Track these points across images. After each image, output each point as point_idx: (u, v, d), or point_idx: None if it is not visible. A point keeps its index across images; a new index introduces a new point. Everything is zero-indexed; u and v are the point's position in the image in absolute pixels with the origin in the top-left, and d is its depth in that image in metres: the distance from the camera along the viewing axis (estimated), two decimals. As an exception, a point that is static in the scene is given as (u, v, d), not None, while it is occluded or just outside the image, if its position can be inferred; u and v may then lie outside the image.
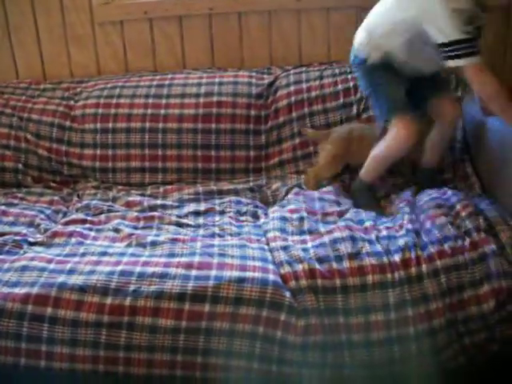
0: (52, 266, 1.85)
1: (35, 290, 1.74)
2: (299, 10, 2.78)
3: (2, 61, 2.91)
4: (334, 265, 1.80)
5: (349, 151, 2.37)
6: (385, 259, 1.82)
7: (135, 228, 2.12)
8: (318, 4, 2.77)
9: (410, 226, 1.95)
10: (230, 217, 2.17)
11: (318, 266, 1.79)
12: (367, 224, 2.00)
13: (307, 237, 1.96)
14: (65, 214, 2.32)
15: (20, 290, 1.75)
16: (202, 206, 2.27)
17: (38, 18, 2.84)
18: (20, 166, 2.58)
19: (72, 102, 2.66)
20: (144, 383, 1.73)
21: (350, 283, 1.77)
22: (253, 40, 2.82)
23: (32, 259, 1.90)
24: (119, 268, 1.79)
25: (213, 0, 2.76)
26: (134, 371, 1.71)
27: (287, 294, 1.72)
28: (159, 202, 2.32)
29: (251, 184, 2.46)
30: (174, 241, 1.97)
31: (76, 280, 1.76)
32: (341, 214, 2.11)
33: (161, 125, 2.52)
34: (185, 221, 2.15)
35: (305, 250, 1.87)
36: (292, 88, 2.58)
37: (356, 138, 2.38)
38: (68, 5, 2.81)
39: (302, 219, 2.06)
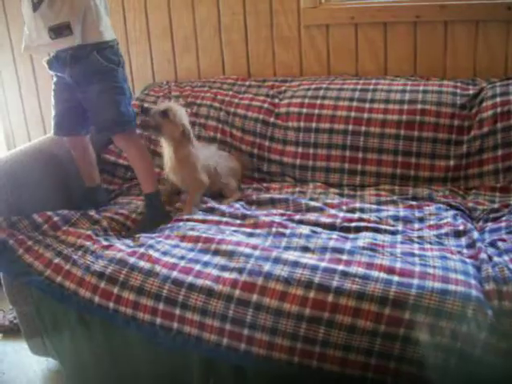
0: (257, 252, 1.94)
1: (243, 277, 1.83)
2: (509, 20, 2.69)
3: (211, 57, 3.11)
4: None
5: None
6: None
7: (333, 228, 2.16)
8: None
9: None
10: (429, 225, 2.15)
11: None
12: None
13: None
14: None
15: (229, 275, 1.85)
16: (401, 212, 2.27)
17: (247, 19, 3.00)
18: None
19: (277, 100, 2.77)
20: (335, 381, 1.75)
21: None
22: (457, 50, 2.76)
23: (238, 244, 2.00)
24: (323, 264, 1.83)
25: (420, 8, 2.74)
26: (327, 367, 1.71)
27: (489, 312, 1.66)
28: (358, 204, 2.35)
29: (447, 193, 2.43)
30: (373, 245, 1.98)
31: (281, 271, 1.82)
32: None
33: (363, 128, 2.56)
34: (383, 226, 2.15)
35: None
36: (498, 99, 2.50)
37: None
38: (277, 8, 2.94)
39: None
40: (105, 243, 2.13)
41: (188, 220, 2.28)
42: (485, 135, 2.47)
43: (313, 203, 2.37)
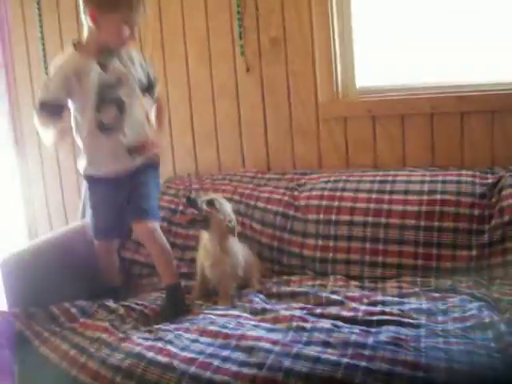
0: (277, 348, 1.90)
1: (263, 373, 1.78)
2: (524, 110, 2.74)
3: (231, 151, 3.17)
4: None
5: None
6: None
7: (355, 322, 2.12)
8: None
9: None
10: (453, 318, 2.10)
11: None
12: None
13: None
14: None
15: (248, 371, 1.81)
16: (423, 304, 2.22)
17: (267, 113, 3.07)
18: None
19: (296, 193, 2.79)
20: None
21: None
22: (474, 140, 2.78)
23: (258, 339, 1.96)
24: (345, 360, 1.79)
25: (436, 100, 2.80)
26: None
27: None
28: (379, 297, 2.31)
29: (471, 283, 2.38)
30: (396, 340, 1.92)
31: (302, 367, 1.77)
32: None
33: (383, 220, 2.55)
34: (406, 319, 2.10)
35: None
36: (518, 187, 2.51)
37: None
38: (295, 101, 3.00)
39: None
40: (121, 335, 2.11)
41: (207, 313, 2.26)
42: (506, 224, 2.45)
43: (334, 296, 2.33)
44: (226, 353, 1.93)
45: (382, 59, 2.98)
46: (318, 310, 2.22)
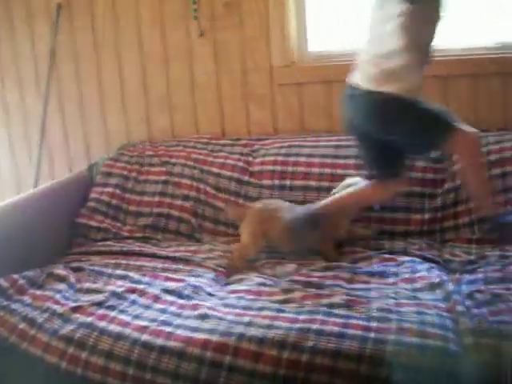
0: (230, 317, 1.89)
1: (215, 338, 1.78)
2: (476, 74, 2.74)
3: (185, 116, 3.13)
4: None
5: (263, 227, 2.36)
6: None
7: (309, 286, 2.13)
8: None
9: None
10: (404, 279, 2.12)
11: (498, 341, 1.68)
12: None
13: (498, 308, 1.85)
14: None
15: (200, 336, 1.80)
16: (375, 267, 2.24)
17: (221, 79, 3.03)
18: (197, 218, 2.73)
19: (250, 158, 2.77)
20: None
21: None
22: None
23: (211, 308, 1.96)
24: (297, 325, 1.80)
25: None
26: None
27: (468, 367, 1.64)
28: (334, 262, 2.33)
29: (423, 245, 2.40)
30: (348, 302, 1.95)
31: (255, 332, 1.78)
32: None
33: (337, 185, 2.53)
34: (358, 282, 2.13)
35: (491, 321, 1.77)
36: (471, 152, 2.54)
37: (269, 213, 2.37)
38: (250, 66, 2.97)
39: (493, 288, 1.97)
40: (73, 304, 2.07)
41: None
42: (458, 188, 2.47)
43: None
44: (179, 320, 1.92)
45: (334, 24, 2.96)
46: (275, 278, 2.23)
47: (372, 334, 1.73)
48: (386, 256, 2.33)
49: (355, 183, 2.39)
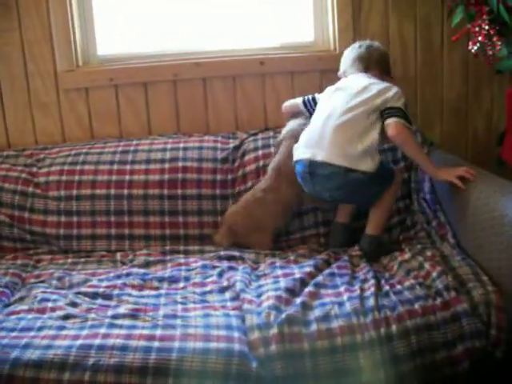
0: (5, 341, 1.73)
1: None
2: (263, 74, 2.81)
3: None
4: (303, 329, 1.76)
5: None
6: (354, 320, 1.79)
7: (96, 297, 2.04)
8: (282, 68, 2.81)
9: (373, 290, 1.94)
10: (194, 283, 2.11)
11: (287, 330, 1.75)
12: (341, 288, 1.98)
13: (281, 301, 1.90)
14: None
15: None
16: (168, 272, 2.21)
17: (2, 84, 2.82)
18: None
19: (35, 169, 2.61)
20: None
21: (318, 346, 1.73)
22: (218, 105, 2.83)
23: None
24: (78, 342, 1.70)
25: (177, 66, 2.78)
26: None
27: (254, 364, 1.67)
28: (125, 270, 2.25)
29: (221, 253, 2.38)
30: (135, 311, 1.90)
31: (31, 355, 1.66)
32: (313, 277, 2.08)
33: (126, 191, 2.49)
34: (147, 290, 2.08)
35: (277, 314, 1.81)
36: (260, 152, 2.59)
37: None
38: (33, 71, 2.80)
39: (276, 283, 2.04)
40: None
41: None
42: (249, 189, 2.50)
43: (76, 275, 2.23)
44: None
45: (123, 28, 2.89)
46: (63, 291, 2.11)
47: (156, 344, 1.70)
48: (181, 261, 2.31)
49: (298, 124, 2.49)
